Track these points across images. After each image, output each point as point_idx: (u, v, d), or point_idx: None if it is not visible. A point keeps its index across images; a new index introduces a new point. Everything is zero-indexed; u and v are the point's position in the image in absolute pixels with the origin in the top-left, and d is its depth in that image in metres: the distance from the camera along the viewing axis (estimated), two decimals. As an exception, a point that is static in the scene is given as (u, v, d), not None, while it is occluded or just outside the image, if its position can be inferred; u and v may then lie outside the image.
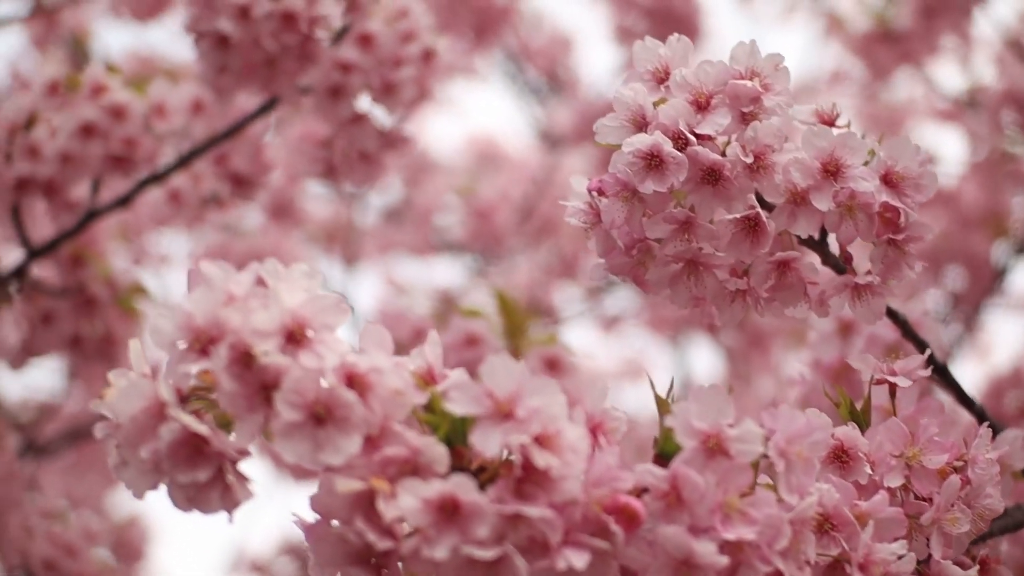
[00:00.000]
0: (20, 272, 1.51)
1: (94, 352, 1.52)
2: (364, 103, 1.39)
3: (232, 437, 0.78)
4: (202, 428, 0.76)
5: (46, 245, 1.50)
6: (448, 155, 3.44)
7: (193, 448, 0.77)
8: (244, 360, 0.77)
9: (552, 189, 2.87)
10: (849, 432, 0.94)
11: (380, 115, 1.40)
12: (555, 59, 3.32)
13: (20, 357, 1.51)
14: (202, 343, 0.77)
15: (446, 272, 3.62)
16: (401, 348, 0.81)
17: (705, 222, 0.94)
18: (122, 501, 3.12)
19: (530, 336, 1.53)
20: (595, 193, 0.97)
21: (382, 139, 1.40)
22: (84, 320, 1.51)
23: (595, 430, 0.81)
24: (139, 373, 0.82)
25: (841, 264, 0.99)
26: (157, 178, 1.47)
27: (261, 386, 0.77)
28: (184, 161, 1.46)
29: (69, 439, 2.42)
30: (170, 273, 2.83)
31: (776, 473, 0.82)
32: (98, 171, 1.43)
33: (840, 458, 0.93)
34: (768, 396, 2.77)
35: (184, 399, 0.79)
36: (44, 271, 1.55)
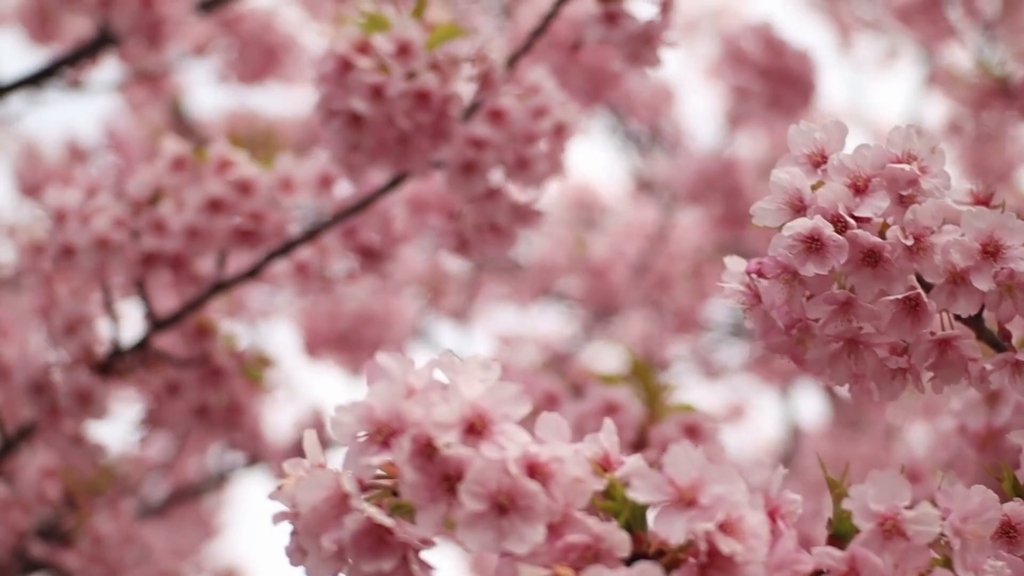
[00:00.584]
0: (143, 344, 1.53)
1: (220, 422, 1.53)
2: (496, 177, 1.39)
3: (414, 527, 0.78)
4: (387, 520, 0.77)
5: (171, 317, 1.52)
6: (546, 203, 3.46)
7: (377, 538, 0.78)
8: (426, 452, 0.77)
9: (666, 246, 2.89)
10: (1016, 508, 0.94)
11: (512, 188, 1.40)
12: (658, 111, 3.34)
13: (146, 427, 1.53)
14: (384, 435, 0.78)
15: (551, 323, 3.63)
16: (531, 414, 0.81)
17: (865, 303, 0.95)
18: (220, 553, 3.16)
19: (665, 400, 1.52)
20: (754, 275, 0.97)
21: (514, 212, 1.41)
22: (210, 390, 1.52)
23: (772, 514, 0.81)
24: (315, 463, 0.83)
25: (999, 341, 0.98)
26: (285, 251, 1.48)
27: (443, 477, 0.77)
28: (312, 234, 1.47)
29: (177, 498, 2.45)
30: (268, 327, 2.85)
31: (952, 552, 0.84)
32: (225, 245, 1.45)
33: (1008, 533, 0.94)
34: (878, 445, 2.77)
35: (364, 489, 0.79)
36: (165, 342, 1.56)
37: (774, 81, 2.21)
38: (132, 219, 1.43)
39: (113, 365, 1.52)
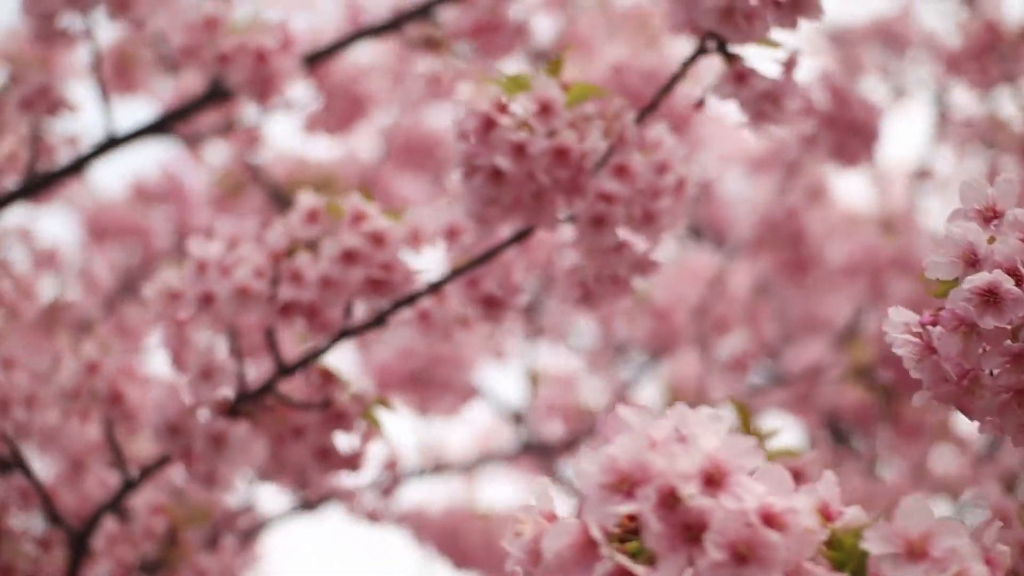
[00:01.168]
0: (267, 388, 1.57)
1: (339, 464, 1.57)
2: (621, 232, 1.44)
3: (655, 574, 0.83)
4: (639, 569, 0.81)
5: (297, 363, 1.56)
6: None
7: (622, 585, 0.82)
8: (669, 502, 0.82)
9: (724, 289, 2.97)
10: None
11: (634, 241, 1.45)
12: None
13: (270, 470, 1.57)
14: (628, 486, 0.82)
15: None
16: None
17: (1040, 356, 0.99)
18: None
19: (766, 444, 1.56)
20: (928, 326, 1.02)
21: (635, 264, 1.46)
22: (331, 433, 1.57)
23: (989, 563, 0.86)
24: (543, 511, 0.88)
25: None
26: (411, 300, 1.53)
27: (684, 526, 0.82)
28: (439, 285, 1.52)
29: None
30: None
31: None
32: (356, 294, 1.49)
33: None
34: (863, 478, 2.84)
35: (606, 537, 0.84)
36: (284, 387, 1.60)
37: (839, 129, 2.26)
38: (271, 270, 1.48)
39: (239, 409, 1.56)
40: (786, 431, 3.45)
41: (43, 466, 1.91)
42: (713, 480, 0.83)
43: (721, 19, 1.34)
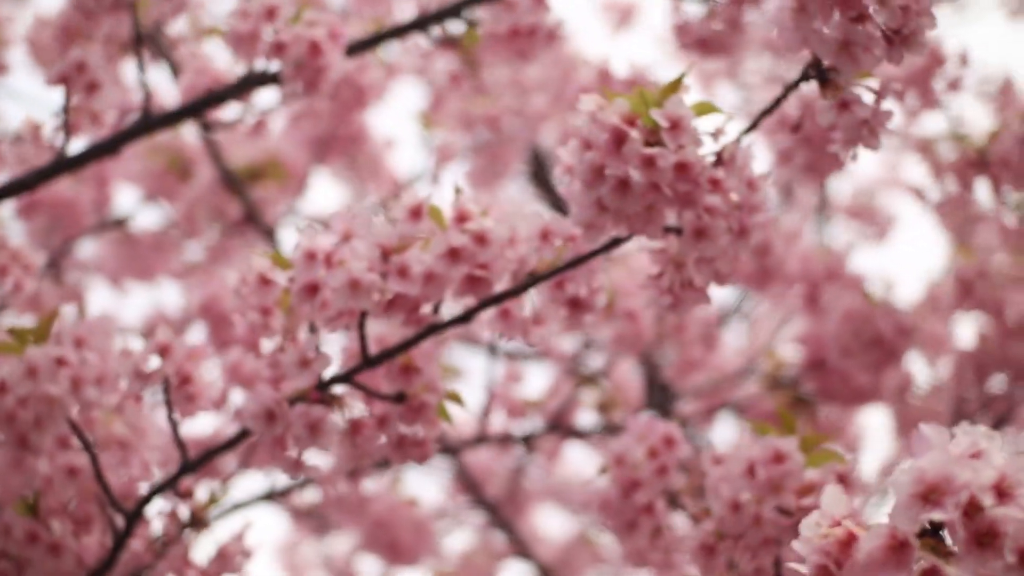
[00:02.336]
0: (349, 378, 1.62)
1: (412, 452, 1.63)
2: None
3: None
4: (952, 570, 0.91)
5: (382, 354, 1.61)
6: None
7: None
8: (971, 510, 0.92)
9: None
10: None
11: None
12: None
13: (352, 456, 1.62)
14: (936, 495, 0.93)
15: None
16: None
17: None
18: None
19: (819, 450, 1.68)
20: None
21: (715, 274, 1.56)
22: (410, 423, 1.62)
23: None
24: (834, 515, 0.97)
25: None
26: (499, 299, 1.59)
27: (978, 532, 0.92)
28: (529, 285, 1.59)
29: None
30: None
31: None
32: (455, 291, 1.56)
33: None
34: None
35: (907, 540, 0.94)
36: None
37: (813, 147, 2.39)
38: (380, 264, 1.53)
39: (322, 398, 1.60)
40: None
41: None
42: (1003, 492, 0.93)
43: (838, 51, 1.44)
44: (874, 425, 3.80)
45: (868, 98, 1.53)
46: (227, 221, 3.23)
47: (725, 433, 3.75)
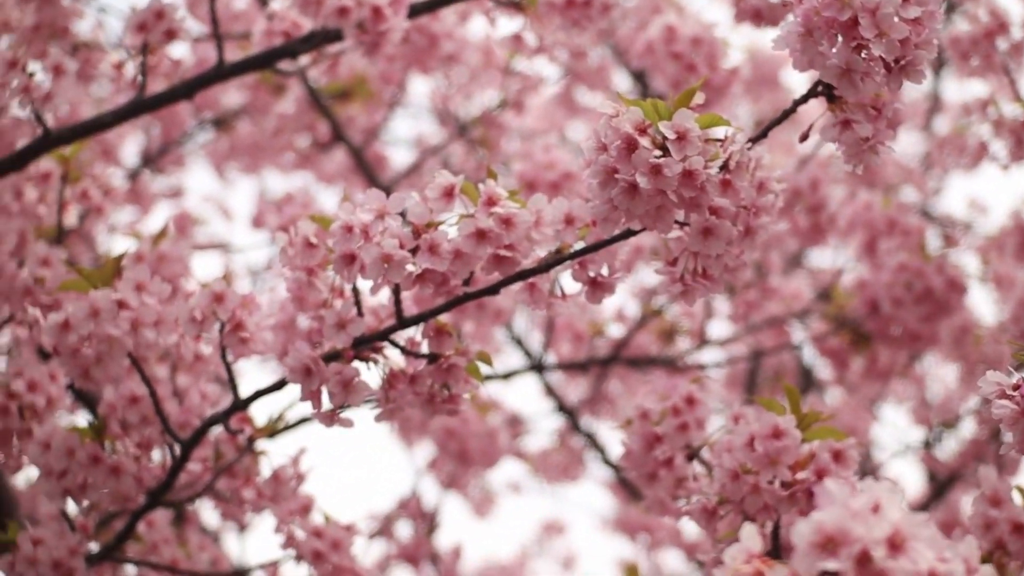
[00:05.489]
0: (385, 336, 1.77)
1: (442, 407, 1.78)
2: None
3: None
4: (838, 611, 1.05)
5: (417, 317, 1.76)
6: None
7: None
8: (863, 561, 1.05)
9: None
10: None
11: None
12: None
13: (388, 410, 1.77)
14: (831, 546, 1.06)
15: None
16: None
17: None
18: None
19: (815, 428, 1.81)
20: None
21: (726, 267, 1.68)
22: (439, 382, 1.77)
23: None
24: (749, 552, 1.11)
25: None
26: (524, 275, 1.73)
27: (871, 580, 1.05)
28: (552, 264, 1.72)
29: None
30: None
31: None
32: (482, 268, 1.69)
33: None
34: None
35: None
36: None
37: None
38: (411, 241, 1.67)
39: (358, 355, 1.76)
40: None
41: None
42: (895, 545, 1.06)
43: (840, 76, 1.54)
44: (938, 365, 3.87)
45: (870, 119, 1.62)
46: (316, 138, 3.37)
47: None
